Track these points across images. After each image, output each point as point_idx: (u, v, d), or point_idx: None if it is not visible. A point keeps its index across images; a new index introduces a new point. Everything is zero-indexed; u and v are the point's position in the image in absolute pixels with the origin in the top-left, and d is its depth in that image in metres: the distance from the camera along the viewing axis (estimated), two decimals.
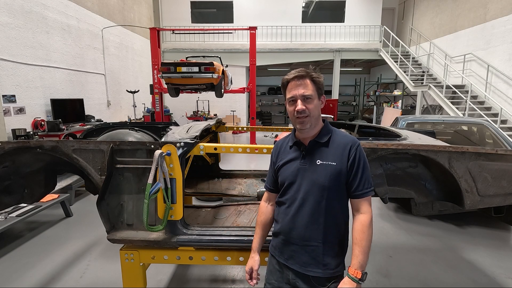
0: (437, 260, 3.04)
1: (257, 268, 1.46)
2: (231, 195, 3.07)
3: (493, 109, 7.83)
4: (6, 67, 5.31)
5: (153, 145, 1.78)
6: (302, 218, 1.30)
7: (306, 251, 1.30)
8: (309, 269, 1.30)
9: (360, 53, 12.73)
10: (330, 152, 1.29)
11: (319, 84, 1.29)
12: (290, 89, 1.30)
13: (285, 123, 16.73)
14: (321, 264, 1.29)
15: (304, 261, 1.31)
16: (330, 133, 1.33)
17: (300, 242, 1.31)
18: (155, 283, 2.61)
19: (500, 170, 1.80)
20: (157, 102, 8.38)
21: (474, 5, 8.68)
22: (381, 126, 2.95)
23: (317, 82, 1.28)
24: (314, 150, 1.31)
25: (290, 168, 1.35)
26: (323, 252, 1.28)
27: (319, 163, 1.28)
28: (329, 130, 1.35)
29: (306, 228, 1.29)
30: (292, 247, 1.34)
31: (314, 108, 1.27)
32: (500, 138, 4.20)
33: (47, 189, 2.15)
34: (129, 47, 10.25)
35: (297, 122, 1.29)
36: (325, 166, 1.27)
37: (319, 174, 1.27)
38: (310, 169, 1.29)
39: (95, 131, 3.16)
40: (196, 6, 13.01)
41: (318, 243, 1.29)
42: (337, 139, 1.32)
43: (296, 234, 1.32)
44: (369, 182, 1.29)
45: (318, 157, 1.29)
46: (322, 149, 1.31)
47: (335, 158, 1.27)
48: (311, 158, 1.30)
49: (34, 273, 2.76)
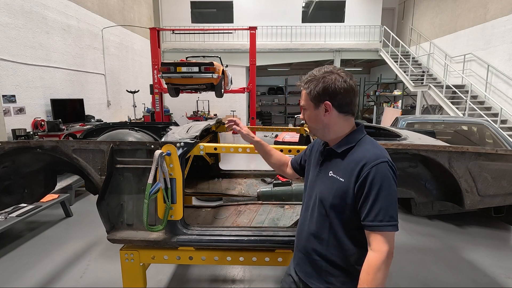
0: (437, 260, 3.03)
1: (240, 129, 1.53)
2: (231, 195, 3.07)
3: (493, 109, 7.82)
4: (6, 67, 5.31)
5: (153, 145, 1.78)
6: (309, 227, 1.23)
7: (309, 262, 1.23)
8: (312, 281, 1.22)
9: (360, 53, 12.73)
10: (343, 166, 1.12)
11: (313, 94, 1.13)
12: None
13: (285, 123, 16.73)
14: (323, 280, 1.18)
15: (308, 271, 1.24)
16: (353, 143, 1.13)
17: (303, 251, 1.26)
18: (155, 283, 2.61)
19: (500, 170, 1.80)
20: (157, 102, 8.38)
21: (474, 5, 8.67)
22: (381, 126, 2.95)
23: (309, 92, 1.14)
24: (331, 159, 1.19)
25: (310, 171, 1.30)
26: (326, 269, 1.18)
27: (330, 175, 1.15)
28: (353, 139, 1.15)
29: (308, 239, 1.22)
30: (299, 254, 1.29)
31: (308, 118, 1.20)
32: (500, 138, 4.20)
33: (47, 189, 2.15)
34: (129, 47, 10.25)
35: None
36: (333, 180, 1.13)
37: (326, 186, 1.15)
38: (323, 179, 1.19)
39: (95, 131, 3.16)
40: (196, 6, 13.01)
41: (318, 258, 1.19)
42: (356, 152, 1.11)
43: (301, 241, 1.27)
44: (386, 213, 1.01)
45: (331, 168, 1.16)
46: (337, 160, 1.16)
47: (345, 174, 1.10)
48: (326, 168, 1.19)
49: (34, 273, 2.76)
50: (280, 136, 7.72)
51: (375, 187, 1.02)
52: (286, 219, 2.36)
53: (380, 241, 1.02)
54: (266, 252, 1.87)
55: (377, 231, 1.02)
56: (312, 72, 1.16)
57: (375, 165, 1.03)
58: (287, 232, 1.86)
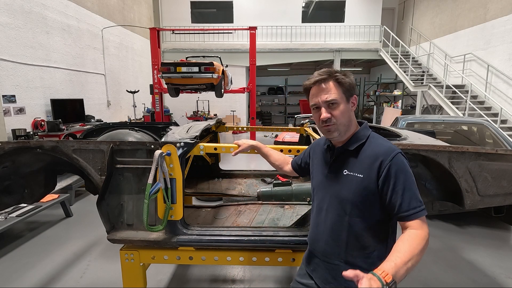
0: (437, 260, 3.03)
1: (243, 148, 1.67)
2: (231, 195, 3.07)
3: (493, 109, 7.82)
4: (6, 67, 5.31)
5: (153, 145, 1.77)
6: (324, 231, 1.20)
7: (327, 268, 1.20)
8: (329, 287, 1.19)
9: (360, 53, 12.73)
10: (358, 162, 1.12)
11: (346, 85, 1.11)
12: (312, 94, 1.14)
13: (285, 123, 16.73)
14: (343, 285, 1.14)
15: (325, 277, 1.21)
16: (364, 140, 1.14)
17: (321, 256, 1.22)
18: (155, 283, 2.61)
19: (500, 170, 1.80)
20: (157, 102, 8.38)
21: (474, 5, 8.67)
22: (381, 126, 2.95)
23: (343, 83, 1.10)
24: (343, 158, 1.17)
25: (318, 174, 1.26)
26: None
27: (345, 174, 1.14)
28: (362, 136, 1.16)
29: (327, 243, 1.18)
30: (315, 260, 1.26)
31: (341, 114, 1.10)
32: (500, 138, 4.20)
33: (47, 189, 2.15)
34: (129, 47, 10.25)
35: (323, 130, 1.16)
36: (351, 177, 1.12)
37: (343, 186, 1.13)
38: (336, 179, 1.16)
39: (95, 131, 3.16)
40: (196, 6, 13.01)
41: (340, 262, 1.15)
42: (371, 148, 1.12)
43: (319, 247, 1.23)
44: (416, 199, 1.05)
45: (346, 167, 1.15)
46: (350, 158, 1.15)
47: (362, 170, 1.10)
48: (338, 167, 1.17)
49: (34, 273, 2.76)
50: (280, 136, 7.71)
51: (401, 178, 1.05)
52: (286, 219, 2.36)
53: (420, 224, 1.03)
54: (266, 252, 1.86)
55: (413, 218, 1.03)
56: (327, 69, 1.14)
57: (393, 157, 1.06)
58: (287, 232, 1.86)
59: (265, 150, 1.68)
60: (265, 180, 3.37)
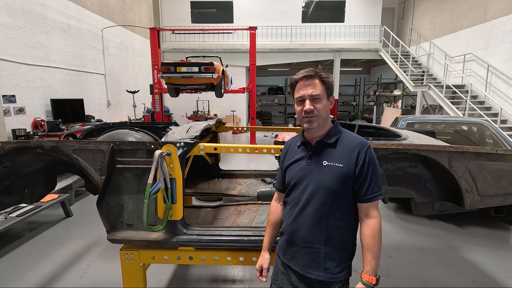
0: (437, 260, 3.03)
1: (267, 267, 1.48)
2: (231, 195, 3.07)
3: (493, 109, 7.82)
4: (6, 67, 5.31)
5: (153, 145, 1.77)
6: (305, 219, 1.29)
7: (307, 253, 1.29)
8: (309, 271, 1.29)
9: (360, 53, 12.72)
10: (337, 154, 1.26)
11: (328, 84, 1.27)
12: (298, 88, 1.27)
13: (285, 123, 16.73)
14: (322, 267, 1.27)
15: (305, 262, 1.30)
16: (339, 134, 1.30)
17: (301, 243, 1.30)
18: (155, 283, 2.61)
19: (500, 170, 1.80)
20: (157, 102, 8.38)
21: (474, 5, 8.67)
22: (381, 126, 2.95)
23: (326, 82, 1.26)
24: (321, 150, 1.29)
25: (296, 168, 1.33)
26: (324, 255, 1.26)
27: (325, 164, 1.26)
28: (337, 131, 1.32)
29: (309, 230, 1.28)
30: (294, 248, 1.34)
31: (322, 108, 1.25)
32: (500, 138, 4.20)
33: (47, 189, 2.15)
34: (129, 47, 10.25)
35: (304, 121, 1.27)
36: (331, 167, 1.24)
37: (325, 175, 1.24)
38: (316, 170, 1.27)
39: (95, 131, 3.16)
40: (196, 6, 13.00)
41: (320, 245, 1.27)
42: (346, 141, 1.28)
43: (299, 235, 1.31)
44: (378, 185, 1.25)
45: (325, 158, 1.27)
46: (329, 150, 1.28)
47: (342, 160, 1.24)
48: (318, 159, 1.28)
49: (34, 273, 2.76)
50: (280, 136, 7.69)
51: (371, 167, 1.24)
52: None
53: (375, 209, 1.26)
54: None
55: (374, 200, 1.24)
56: (317, 68, 1.29)
57: (367, 149, 1.25)
58: None
59: (274, 231, 1.52)
60: (265, 180, 3.37)
